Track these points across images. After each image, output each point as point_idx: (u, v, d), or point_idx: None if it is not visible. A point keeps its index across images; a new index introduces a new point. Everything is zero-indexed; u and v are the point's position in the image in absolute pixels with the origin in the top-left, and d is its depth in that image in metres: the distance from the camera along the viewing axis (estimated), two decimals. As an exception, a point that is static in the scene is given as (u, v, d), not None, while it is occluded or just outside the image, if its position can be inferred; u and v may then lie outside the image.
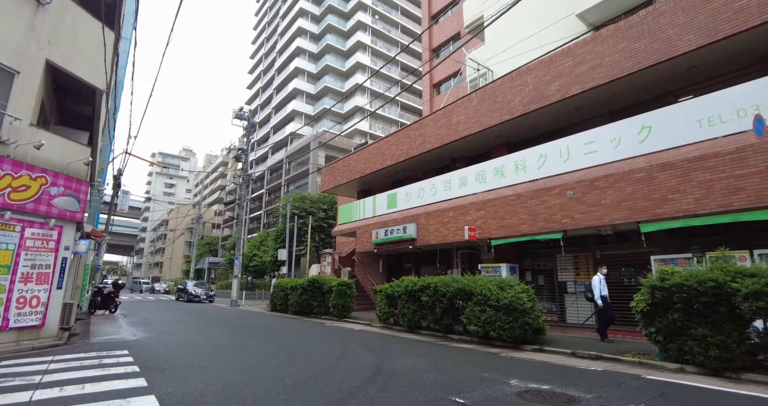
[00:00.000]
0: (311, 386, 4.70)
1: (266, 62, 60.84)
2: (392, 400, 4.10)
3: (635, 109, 10.14)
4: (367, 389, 4.50)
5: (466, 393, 4.31)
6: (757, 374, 5.34)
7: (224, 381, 4.89)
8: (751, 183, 7.43)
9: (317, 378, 5.08)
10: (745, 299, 5.31)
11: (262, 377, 5.15)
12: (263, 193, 50.67)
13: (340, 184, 19.88)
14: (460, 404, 3.93)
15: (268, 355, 6.93)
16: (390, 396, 4.24)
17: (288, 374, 5.37)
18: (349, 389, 4.53)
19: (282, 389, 4.51)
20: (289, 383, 4.83)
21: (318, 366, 5.88)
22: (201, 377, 5.14)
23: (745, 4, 7.73)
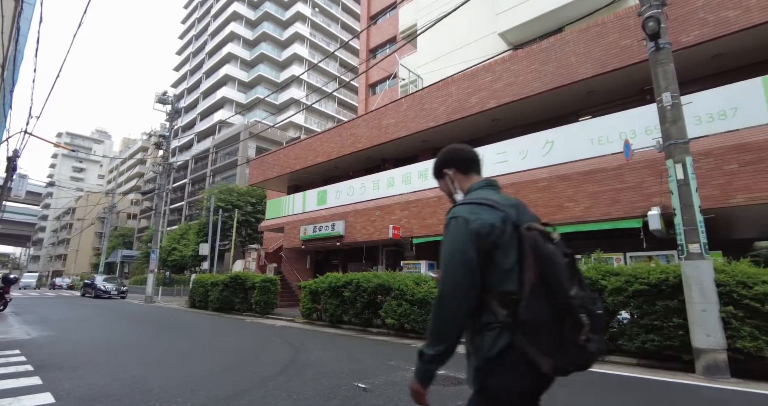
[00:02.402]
0: (223, 377, 4.82)
1: (196, 45, 57.37)
2: (299, 387, 4.38)
3: (544, 124, 11.31)
4: (277, 379, 4.73)
5: (369, 379, 4.72)
6: (616, 356, 6.37)
7: (131, 375, 4.83)
8: (627, 196, 8.73)
9: (230, 371, 5.19)
10: (610, 293, 6.32)
11: (174, 371, 5.15)
12: (186, 183, 47.87)
13: (270, 178, 19.58)
14: (361, 388, 4.32)
15: (183, 350, 6.84)
16: (298, 384, 4.52)
17: (201, 367, 5.41)
18: (260, 379, 4.72)
19: (192, 381, 4.59)
20: (201, 375, 4.90)
21: (233, 360, 5.97)
22: (105, 373, 5.01)
23: (628, 43, 9.03)
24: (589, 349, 1.22)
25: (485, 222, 1.31)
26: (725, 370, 5.11)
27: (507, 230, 1.32)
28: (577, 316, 1.20)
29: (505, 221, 1.33)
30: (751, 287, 5.22)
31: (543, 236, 1.29)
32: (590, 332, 1.22)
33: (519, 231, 1.32)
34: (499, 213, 1.34)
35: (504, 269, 1.30)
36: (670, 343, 5.67)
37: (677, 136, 5.99)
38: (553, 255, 1.26)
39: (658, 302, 5.85)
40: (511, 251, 1.31)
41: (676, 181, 5.90)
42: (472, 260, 1.28)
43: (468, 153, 1.62)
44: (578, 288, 1.26)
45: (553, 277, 1.23)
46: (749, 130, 7.59)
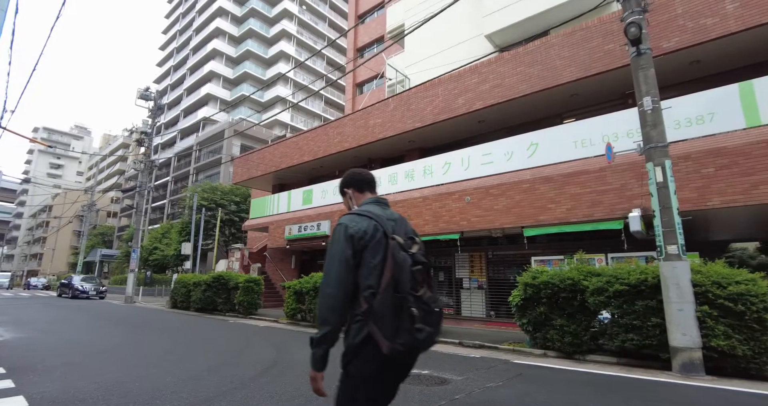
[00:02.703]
0: (204, 378, 4.74)
1: (181, 40, 56.41)
2: (281, 388, 4.34)
3: (529, 126, 11.45)
4: (259, 380, 4.68)
5: (353, 379, 4.70)
6: (597, 355, 6.49)
7: (109, 378, 4.71)
8: (608, 198, 8.89)
9: (211, 372, 5.11)
10: (591, 294, 6.42)
11: (153, 373, 5.05)
12: (169, 181, 47.04)
13: (255, 177, 19.36)
14: (345, 388, 4.30)
15: (163, 351, 6.71)
16: (280, 385, 4.47)
17: (181, 369, 5.31)
18: (242, 380, 4.66)
19: (172, 383, 4.50)
20: (181, 377, 4.81)
21: (214, 361, 5.88)
22: (82, 375, 4.88)
23: (611, 48, 9.21)
24: (419, 337, 1.52)
25: (360, 228, 1.64)
26: (700, 368, 5.25)
27: (377, 236, 1.63)
28: (410, 310, 1.52)
29: (377, 229, 1.64)
30: (725, 287, 5.37)
31: (400, 246, 1.61)
32: (422, 323, 1.53)
33: (387, 239, 1.63)
34: (373, 222, 1.66)
35: (370, 266, 1.59)
36: (649, 342, 5.80)
37: (657, 139, 6.13)
38: (403, 261, 1.57)
39: (638, 302, 5.97)
40: (378, 254, 1.60)
41: (655, 183, 6.03)
42: (349, 257, 1.60)
43: (364, 176, 1.99)
44: (427, 289, 1.62)
45: (399, 279, 1.54)
46: (725, 135, 7.81)
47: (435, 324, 1.61)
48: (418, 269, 1.60)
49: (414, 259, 1.61)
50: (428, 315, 1.57)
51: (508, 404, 3.90)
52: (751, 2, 7.94)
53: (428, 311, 1.58)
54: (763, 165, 7.21)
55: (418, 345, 1.55)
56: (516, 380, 4.92)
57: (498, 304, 11.78)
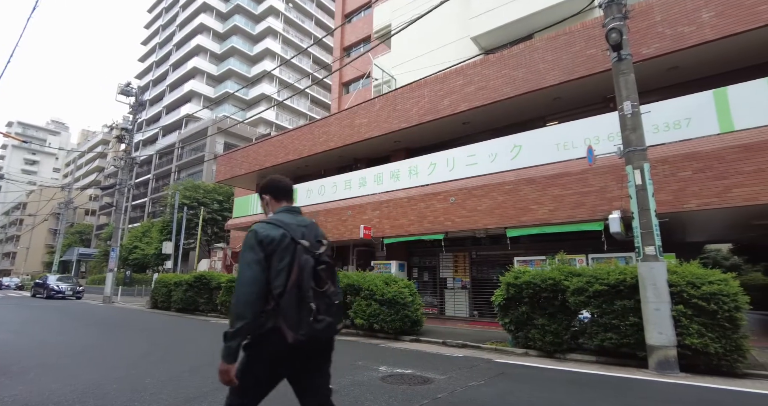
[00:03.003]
0: (185, 379, 4.67)
1: (164, 35, 55.35)
2: (266, 389, 4.30)
3: (513, 128, 11.58)
4: (242, 381, 4.62)
5: (335, 379, 4.66)
6: (577, 354, 6.62)
7: (85, 380, 4.60)
8: (590, 200, 9.06)
9: (193, 372, 5.04)
10: (572, 294, 6.54)
11: (132, 374, 4.94)
12: (150, 178, 46.12)
13: (238, 175, 19.13)
14: (328, 388, 4.29)
15: (142, 352, 6.58)
16: (264, 386, 4.44)
17: (161, 370, 5.22)
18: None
19: (151, 384, 4.42)
20: (161, 378, 4.73)
21: (196, 362, 5.79)
22: (57, 377, 4.75)
23: (593, 53, 9.39)
24: (318, 327, 1.79)
25: (268, 235, 1.87)
26: (675, 365, 5.41)
27: (284, 242, 1.87)
28: (309, 305, 1.77)
29: (285, 236, 1.88)
30: (699, 287, 5.54)
31: (305, 249, 1.86)
32: (322, 315, 1.80)
33: (295, 245, 1.86)
34: (281, 230, 1.90)
35: (277, 269, 1.83)
36: (627, 341, 5.94)
37: (636, 143, 6.28)
38: (306, 263, 1.82)
39: (617, 302, 6.11)
40: (285, 258, 1.84)
41: (634, 186, 6.19)
42: (261, 259, 1.83)
43: (282, 186, 2.20)
44: (331, 285, 1.89)
45: (302, 278, 1.80)
46: (700, 139, 8.05)
47: (334, 315, 1.90)
48: (323, 268, 1.87)
49: (319, 260, 1.88)
50: (329, 307, 1.86)
51: (490, 402, 3.95)
52: (726, 12, 8.20)
53: (329, 304, 1.87)
54: (735, 169, 7.46)
55: (318, 334, 1.81)
56: (498, 379, 4.99)
57: (481, 304, 11.90)
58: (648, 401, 4.18)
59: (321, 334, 1.82)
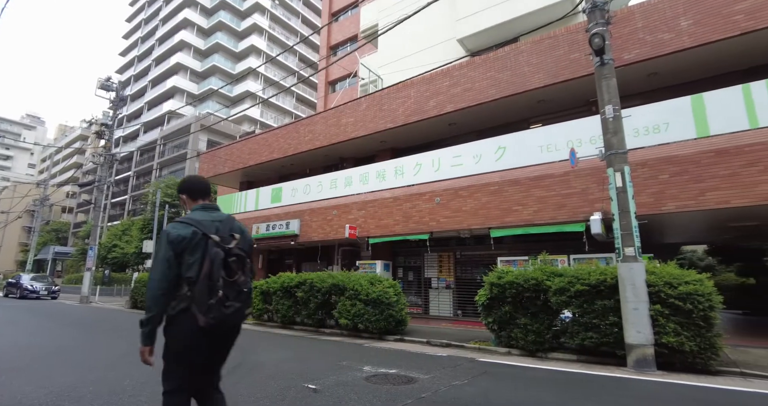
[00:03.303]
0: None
1: (146, 29, 54.20)
2: (246, 389, 4.26)
3: (498, 130, 11.71)
4: (223, 382, 4.54)
5: (319, 379, 4.68)
6: (559, 353, 6.72)
7: (60, 383, 4.47)
8: (572, 201, 9.22)
9: (173, 375, 4.94)
10: (554, 294, 6.64)
11: (109, 376, 4.83)
12: (130, 175, 45.13)
13: (221, 173, 18.86)
14: (311, 389, 4.27)
15: (120, 353, 6.43)
16: (245, 386, 4.39)
17: (141, 371, 5.10)
18: (205, 382, 4.54)
19: (130, 386, 4.33)
20: (141, 380, 4.63)
21: (176, 363, 5.68)
22: (31, 380, 4.60)
23: (577, 57, 9.56)
24: (226, 312, 2.01)
25: (179, 235, 2.09)
26: (652, 363, 5.54)
27: (195, 239, 2.09)
28: (218, 292, 2.00)
29: (196, 233, 2.10)
30: (676, 287, 5.69)
31: (216, 244, 2.08)
32: (230, 302, 2.03)
33: (207, 240, 2.09)
34: (192, 228, 2.11)
35: (189, 263, 2.07)
36: (607, 340, 6.06)
37: (618, 146, 6.42)
38: (215, 256, 2.04)
39: (597, 302, 6.23)
40: (197, 252, 2.07)
41: (615, 188, 6.32)
42: (171, 258, 2.06)
43: (196, 185, 2.40)
44: (242, 275, 2.11)
45: (212, 270, 2.02)
46: (678, 144, 8.27)
47: (243, 301, 2.13)
48: (233, 259, 2.09)
49: (230, 252, 2.09)
50: (239, 295, 2.09)
51: (473, 401, 3.98)
52: (703, 20, 8.44)
53: (239, 292, 2.09)
54: (710, 173, 7.69)
55: (227, 318, 2.04)
56: (481, 378, 5.04)
57: (465, 303, 12.00)
58: (626, 399, 4.27)
59: (229, 318, 2.05)
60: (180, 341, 2.08)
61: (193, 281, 2.03)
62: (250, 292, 2.18)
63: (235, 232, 2.20)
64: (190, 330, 2.03)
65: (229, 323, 2.10)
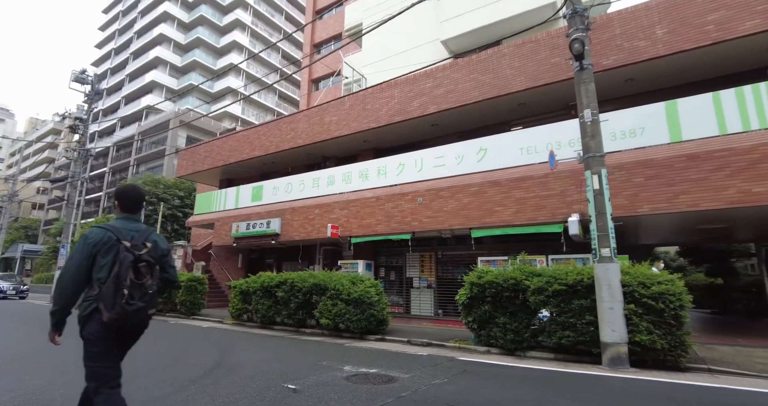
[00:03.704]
0: (140, 382, 4.46)
1: (124, 21, 52.75)
2: (224, 390, 4.19)
3: (480, 132, 11.85)
4: (201, 382, 4.49)
5: (299, 380, 4.65)
6: (537, 352, 6.84)
7: (29, 385, 4.32)
8: (551, 202, 9.41)
9: (148, 375, 4.83)
10: (532, 293, 6.75)
11: (81, 378, 4.66)
12: (106, 172, 43.87)
13: (201, 170, 18.51)
14: (291, 389, 4.24)
15: (92, 355, 6.24)
16: (223, 387, 4.32)
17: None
18: (182, 383, 4.45)
19: (103, 389, 4.20)
20: (114, 382, 4.50)
21: (151, 364, 5.56)
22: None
23: (557, 61, 9.75)
24: (128, 309, 2.23)
25: (96, 238, 2.35)
26: (626, 361, 5.70)
27: (109, 243, 2.34)
28: (122, 291, 2.23)
29: (111, 238, 2.36)
30: (649, 287, 5.86)
31: (127, 249, 2.33)
32: (134, 301, 2.26)
33: (119, 245, 2.34)
34: (108, 233, 2.37)
35: (101, 264, 2.32)
36: (583, 338, 6.20)
37: (595, 149, 6.57)
38: (124, 259, 2.28)
39: (574, 301, 6.36)
40: (109, 255, 2.32)
41: (592, 190, 6.47)
42: (84, 259, 2.32)
43: (128, 199, 2.65)
44: (149, 278, 2.36)
45: (120, 272, 2.25)
46: (652, 148, 8.53)
47: (148, 301, 2.35)
48: (143, 264, 2.34)
49: (140, 258, 2.34)
50: (143, 295, 2.31)
51: (452, 399, 4.02)
52: (677, 29, 8.73)
53: (144, 293, 2.32)
54: (682, 177, 7.96)
55: (128, 315, 2.25)
56: (460, 377, 5.09)
57: (446, 302, 12.10)
58: (599, 396, 4.38)
59: (131, 315, 2.27)
60: (93, 337, 2.31)
61: (103, 282, 2.27)
62: (155, 294, 2.42)
63: (149, 242, 2.47)
64: (99, 326, 2.29)
65: (132, 320, 2.32)
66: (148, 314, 2.41)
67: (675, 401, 4.13)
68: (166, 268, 2.62)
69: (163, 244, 2.61)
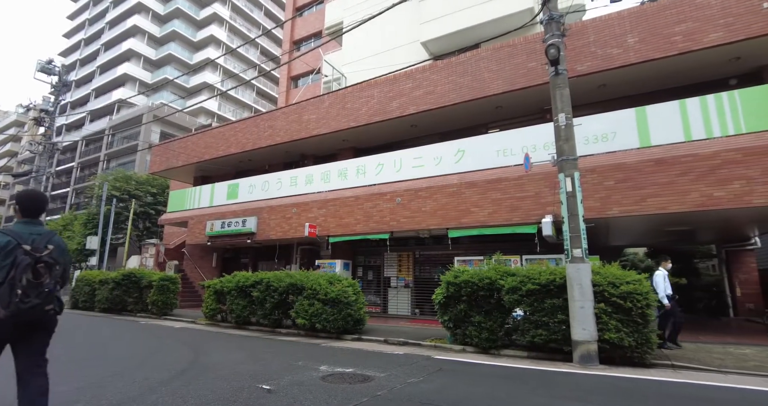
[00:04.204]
0: (109, 384, 4.33)
1: (95, 11, 50.84)
2: (196, 391, 4.11)
3: (458, 133, 11.99)
4: (172, 384, 4.38)
5: (274, 380, 4.60)
6: (510, 350, 6.97)
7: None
8: (525, 204, 9.60)
9: (117, 377, 4.69)
10: (507, 292, 6.89)
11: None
12: (74, 167, 42.21)
13: (175, 167, 18.05)
14: (266, 389, 4.19)
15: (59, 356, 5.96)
16: (195, 388, 4.24)
17: (81, 375, 4.81)
18: (151, 384, 4.33)
19: (68, 391, 4.05)
20: (80, 384, 4.35)
21: (122, 365, 5.40)
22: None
23: (534, 66, 9.97)
24: (22, 306, 2.47)
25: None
26: (595, 358, 5.89)
27: (9, 246, 2.54)
28: (16, 290, 2.46)
29: (10, 242, 2.55)
30: (618, 287, 6.07)
31: (25, 252, 2.55)
32: (29, 298, 2.49)
33: (18, 248, 2.54)
34: (8, 238, 2.57)
35: (1, 265, 2.50)
36: (555, 337, 6.36)
37: (569, 153, 6.75)
38: (22, 261, 2.51)
39: (547, 301, 6.52)
40: (8, 257, 2.52)
41: (565, 192, 6.65)
42: None
43: (29, 205, 2.83)
44: (48, 277, 2.61)
45: (17, 273, 2.48)
46: (623, 152, 8.83)
47: (44, 299, 2.58)
48: (41, 265, 2.57)
49: (39, 259, 2.57)
50: (40, 294, 2.55)
51: (427, 397, 4.06)
52: (647, 39, 9.07)
53: (41, 291, 2.55)
54: (650, 181, 8.27)
55: (21, 312, 2.48)
56: (436, 375, 5.15)
57: (423, 302, 12.19)
58: (570, 392, 4.52)
59: (25, 312, 2.50)
60: None
61: (2, 282, 2.47)
62: (51, 292, 2.64)
63: (51, 244, 2.69)
64: None
65: (27, 317, 2.56)
66: (45, 310, 2.61)
67: (637, 396, 4.29)
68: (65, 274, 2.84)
69: (63, 246, 2.85)
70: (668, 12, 9.01)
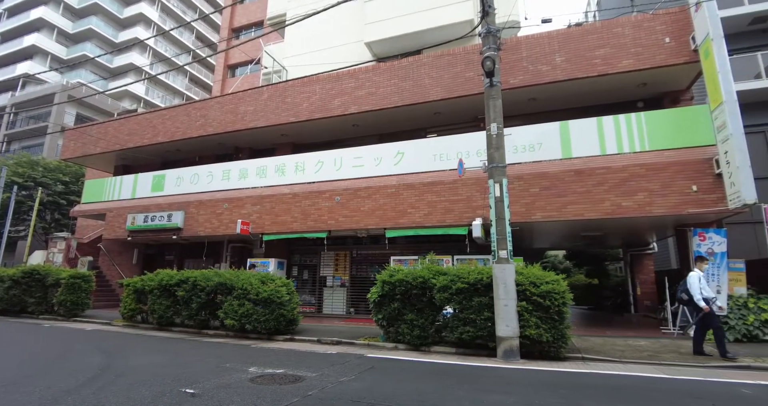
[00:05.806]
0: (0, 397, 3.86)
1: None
2: (109, 399, 3.79)
3: (398, 136, 12.21)
4: (81, 392, 4.00)
5: (199, 383, 4.39)
6: (440, 347, 7.25)
7: None
8: (458, 207, 10.03)
9: (13, 387, 4.19)
10: (438, 291, 7.15)
11: None
12: (-36, 147, 36.78)
13: (92, 154, 16.44)
14: (189, 394, 3.98)
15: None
16: (108, 395, 3.91)
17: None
18: (55, 394, 3.92)
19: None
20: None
21: (19, 373, 4.83)
22: None
23: (471, 76, 10.45)
24: None
25: None
26: (517, 353, 6.31)
27: None
28: None
29: None
30: (538, 286, 6.55)
31: None
32: None
33: None
34: None
35: None
36: (481, 333, 6.72)
37: (498, 160, 7.17)
38: None
39: (475, 299, 6.87)
40: None
41: (494, 197, 7.05)
42: None
43: None
44: None
45: None
46: (547, 162, 9.56)
47: None
48: None
49: None
50: None
51: (358, 395, 4.11)
52: (572, 59, 9.90)
53: None
54: (570, 190, 9.04)
55: None
56: (367, 373, 5.21)
57: (358, 301, 12.26)
58: (493, 385, 4.81)
59: None
60: None
61: None
62: None
63: None
64: None
65: None
66: None
67: (554, 387, 4.68)
68: None
69: None
70: (590, 37, 9.90)
